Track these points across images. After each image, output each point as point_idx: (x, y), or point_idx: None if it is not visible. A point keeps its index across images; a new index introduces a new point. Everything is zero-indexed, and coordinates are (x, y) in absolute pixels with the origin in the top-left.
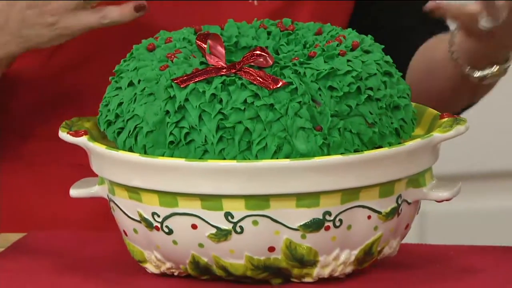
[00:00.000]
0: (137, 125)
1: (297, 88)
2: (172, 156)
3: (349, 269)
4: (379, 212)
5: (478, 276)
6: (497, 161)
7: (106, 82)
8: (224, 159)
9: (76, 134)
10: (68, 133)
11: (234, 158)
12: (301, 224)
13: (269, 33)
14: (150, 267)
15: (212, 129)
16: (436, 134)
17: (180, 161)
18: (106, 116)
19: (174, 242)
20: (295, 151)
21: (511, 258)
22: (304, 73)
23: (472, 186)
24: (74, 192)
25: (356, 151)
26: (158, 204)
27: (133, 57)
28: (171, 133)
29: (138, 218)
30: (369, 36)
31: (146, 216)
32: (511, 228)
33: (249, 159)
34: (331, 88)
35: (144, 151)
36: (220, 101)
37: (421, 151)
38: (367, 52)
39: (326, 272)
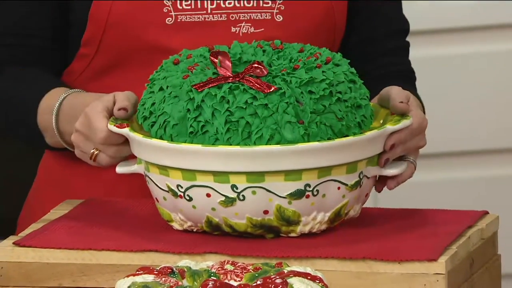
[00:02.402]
0: (165, 119)
1: (285, 92)
2: (192, 143)
3: (323, 227)
4: (346, 184)
5: (417, 231)
6: (434, 143)
7: (134, 84)
8: (231, 145)
9: (120, 126)
10: (114, 125)
11: (238, 144)
12: (288, 193)
13: (264, 51)
14: (176, 225)
15: (221, 122)
16: (388, 127)
17: (198, 147)
18: (143, 113)
19: (193, 207)
20: (284, 139)
21: (446, 218)
22: (290, 80)
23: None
24: (119, 169)
25: (329, 139)
26: (182, 178)
27: (162, 69)
28: (191, 126)
29: (166, 189)
30: (339, 53)
31: (172, 187)
32: (444, 195)
33: (249, 145)
34: (310, 92)
35: (171, 139)
36: (228, 102)
37: (377, 139)
38: (337, 65)
39: (306, 229)
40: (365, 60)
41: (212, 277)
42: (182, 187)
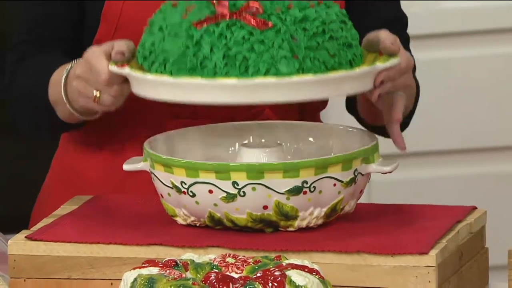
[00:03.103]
0: (165, 57)
1: (280, 28)
2: (191, 77)
3: (320, 221)
4: (341, 181)
5: (409, 225)
6: (425, 142)
7: None
8: (228, 78)
9: (122, 66)
10: (115, 65)
11: (236, 77)
12: (286, 189)
13: None
14: (180, 220)
15: (220, 57)
16: (378, 64)
17: (198, 80)
18: (143, 53)
19: (196, 203)
20: (279, 73)
21: (436, 213)
22: (285, 18)
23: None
24: (126, 167)
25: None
26: (185, 175)
27: (161, 11)
28: (190, 61)
29: (170, 185)
30: None
31: (176, 184)
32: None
33: (247, 78)
34: (304, 29)
35: (171, 75)
36: (226, 37)
37: (367, 74)
38: (329, 6)
39: (304, 224)
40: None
41: (214, 270)
42: (185, 184)
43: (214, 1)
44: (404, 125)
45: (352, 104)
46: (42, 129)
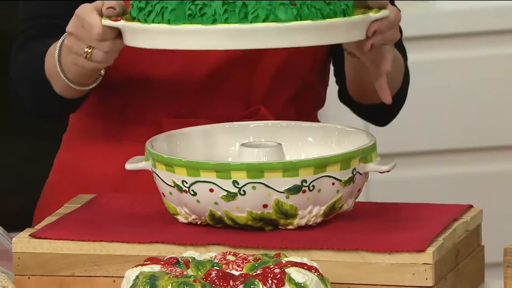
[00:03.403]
0: (163, 6)
1: None
2: (191, 24)
3: (319, 220)
4: (340, 180)
5: (406, 224)
6: (422, 142)
7: (141, 78)
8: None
9: (116, 20)
10: (110, 19)
11: (235, 23)
12: (286, 188)
13: None
14: (181, 218)
15: (219, 4)
16: (371, 14)
17: (198, 26)
18: (138, 5)
19: (197, 201)
20: (278, 19)
21: (433, 211)
22: None
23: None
24: (128, 166)
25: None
26: (186, 174)
27: None
28: (189, 9)
29: (172, 184)
30: None
31: (178, 183)
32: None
33: (245, 24)
34: None
35: (169, 23)
36: None
37: (361, 24)
38: None
39: (303, 222)
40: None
41: (215, 267)
42: (187, 183)
43: None
44: (396, 110)
45: (343, 93)
46: (42, 107)
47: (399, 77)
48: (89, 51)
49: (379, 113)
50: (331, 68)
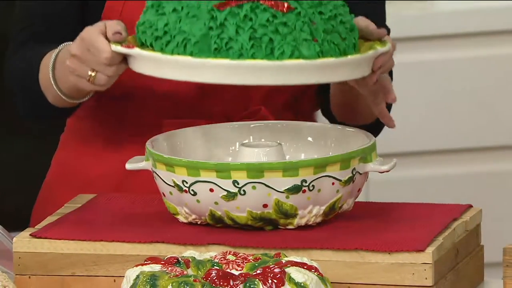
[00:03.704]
0: (185, 37)
1: (300, 12)
2: (216, 58)
3: (319, 219)
4: (340, 180)
5: (405, 223)
6: (421, 142)
7: (142, 82)
8: (255, 59)
9: (128, 47)
10: (122, 46)
11: (262, 59)
12: (286, 188)
13: None
14: (181, 218)
15: (246, 39)
16: (379, 48)
17: (225, 60)
18: (153, 33)
19: (198, 201)
20: (302, 55)
21: (433, 211)
22: (302, 2)
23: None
24: (129, 166)
25: (337, 56)
26: (186, 174)
27: None
28: (215, 42)
29: (172, 184)
30: None
31: (178, 183)
32: (431, 190)
33: (272, 60)
34: (320, 13)
35: (192, 56)
36: (251, 19)
37: (370, 60)
38: None
39: (303, 222)
40: None
41: (215, 267)
42: (187, 183)
43: None
44: (382, 126)
45: (327, 111)
46: (36, 112)
47: None
48: (93, 74)
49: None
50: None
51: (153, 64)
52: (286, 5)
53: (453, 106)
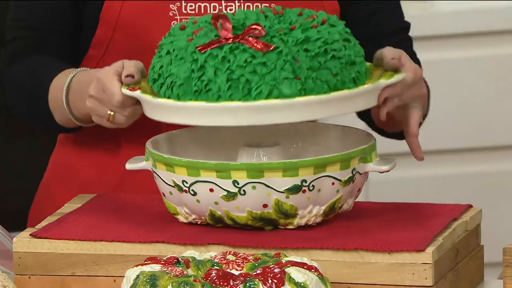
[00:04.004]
0: (172, 80)
1: (282, 50)
2: (196, 100)
3: (319, 219)
4: (340, 180)
5: (405, 223)
6: (421, 142)
7: None
8: (232, 101)
9: (133, 89)
10: (127, 89)
11: (239, 100)
12: (286, 188)
13: (266, 16)
14: (181, 218)
15: (223, 80)
16: (381, 81)
17: (202, 103)
18: (152, 75)
19: (198, 201)
20: (282, 94)
21: (433, 211)
22: (287, 40)
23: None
24: (129, 166)
25: (325, 93)
26: (186, 174)
27: (170, 34)
28: (195, 85)
29: (172, 184)
30: (335, 15)
31: (178, 183)
32: (431, 190)
33: (249, 100)
34: (306, 50)
35: (178, 98)
36: (229, 61)
37: (370, 93)
38: (332, 25)
39: (303, 221)
40: (372, 54)
41: (215, 267)
42: (187, 183)
43: (218, 24)
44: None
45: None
46: (38, 125)
47: (426, 109)
48: (112, 114)
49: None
50: None
51: (147, 106)
52: (268, 44)
53: (453, 106)
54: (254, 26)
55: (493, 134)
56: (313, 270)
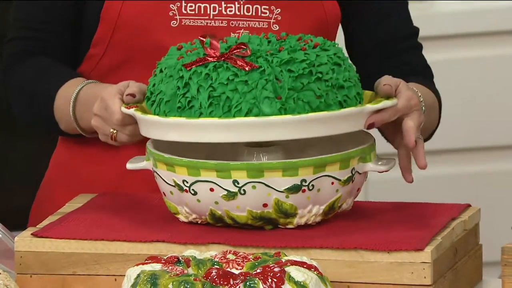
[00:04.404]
0: (161, 97)
1: (265, 70)
2: (180, 117)
3: (318, 219)
4: (339, 180)
5: (404, 223)
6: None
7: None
8: (213, 118)
9: (129, 107)
10: (125, 107)
11: (219, 117)
12: (286, 188)
13: (269, 41)
14: (182, 217)
15: (205, 97)
16: (368, 105)
17: (182, 120)
18: (147, 94)
19: (198, 201)
20: (262, 113)
21: (432, 210)
22: (272, 60)
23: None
24: (129, 165)
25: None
26: (187, 174)
27: (168, 54)
28: (179, 101)
29: (173, 184)
30: (334, 42)
31: (178, 182)
32: (430, 190)
33: (229, 117)
34: (289, 71)
35: (165, 115)
36: (211, 79)
37: (353, 116)
38: (325, 50)
39: (302, 221)
40: (380, 61)
41: (215, 266)
42: (187, 182)
43: (205, 43)
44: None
45: None
46: (39, 129)
47: (433, 122)
48: (115, 132)
49: None
50: None
51: (139, 123)
52: (251, 63)
53: (451, 106)
54: (240, 46)
55: (492, 134)
56: (312, 269)
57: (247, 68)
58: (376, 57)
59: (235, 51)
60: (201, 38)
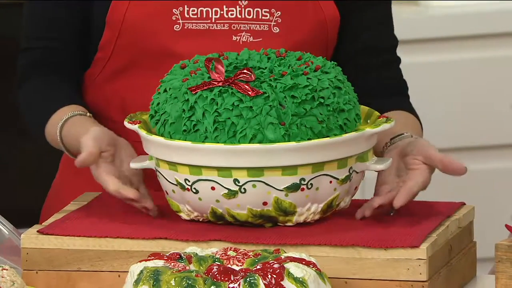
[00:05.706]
0: (165, 118)
1: (269, 96)
2: (185, 140)
3: (317, 217)
4: (337, 179)
5: (401, 220)
6: None
7: (142, 86)
8: (218, 143)
9: (133, 122)
10: (128, 122)
11: (224, 142)
12: (285, 186)
13: (269, 58)
14: (183, 215)
15: (210, 122)
16: (368, 129)
17: (188, 143)
18: (151, 111)
19: (199, 199)
20: (266, 139)
21: (427, 208)
22: (276, 86)
23: None
24: (133, 164)
25: (309, 139)
26: (189, 173)
27: (171, 73)
28: (184, 124)
29: (175, 183)
30: (333, 62)
31: (180, 181)
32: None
33: (234, 143)
34: (293, 97)
35: (170, 136)
36: (217, 104)
37: (357, 140)
38: (326, 72)
39: (301, 219)
40: (358, 72)
41: (216, 262)
42: (189, 181)
43: (210, 67)
44: None
45: None
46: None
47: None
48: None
49: None
50: None
51: (142, 140)
52: (256, 89)
53: (446, 107)
54: (244, 71)
55: (486, 133)
56: (311, 266)
57: (251, 93)
58: (356, 65)
59: (240, 76)
60: (206, 63)
